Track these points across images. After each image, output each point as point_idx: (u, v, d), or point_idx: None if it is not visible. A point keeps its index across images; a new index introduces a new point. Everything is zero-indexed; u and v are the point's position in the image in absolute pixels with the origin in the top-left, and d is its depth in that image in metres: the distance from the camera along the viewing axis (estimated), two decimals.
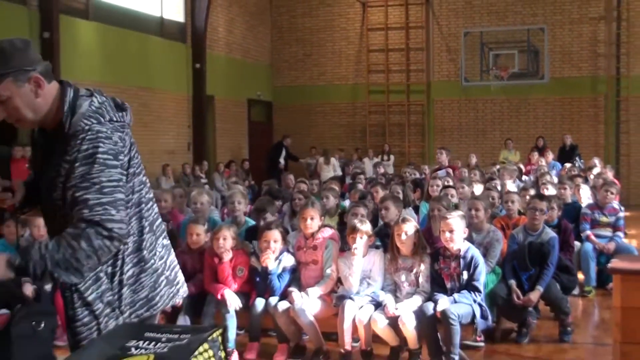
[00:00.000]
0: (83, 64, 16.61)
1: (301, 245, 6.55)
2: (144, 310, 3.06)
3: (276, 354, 6.37)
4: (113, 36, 17.46)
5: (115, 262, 2.97)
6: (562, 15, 21.83)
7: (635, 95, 21.24)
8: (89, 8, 17.05)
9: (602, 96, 21.63)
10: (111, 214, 2.74)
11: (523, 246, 6.91)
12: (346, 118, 23.93)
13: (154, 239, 3.11)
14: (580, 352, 6.58)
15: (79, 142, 2.80)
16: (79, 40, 16.50)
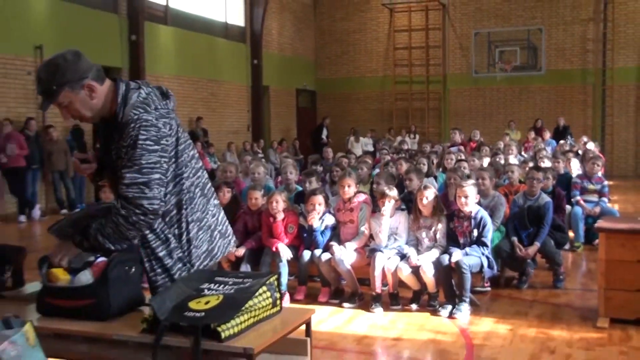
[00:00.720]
0: (163, 61, 16.71)
1: (340, 207, 6.55)
2: (207, 261, 3.07)
3: (320, 296, 6.40)
4: (187, 38, 17.52)
5: (180, 225, 2.98)
6: (557, 17, 21.45)
7: (618, 85, 20.88)
8: (167, 15, 17.11)
9: (591, 85, 21.27)
10: (144, 193, 2.73)
11: (523, 209, 6.85)
12: (376, 104, 23.81)
13: (206, 201, 3.09)
14: (571, 297, 6.50)
15: (130, 129, 2.78)
16: (159, 42, 16.59)
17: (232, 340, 2.47)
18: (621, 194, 15.07)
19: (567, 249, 8.22)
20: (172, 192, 2.93)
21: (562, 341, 5.05)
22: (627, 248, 5.34)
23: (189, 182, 2.99)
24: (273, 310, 2.79)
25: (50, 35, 13.47)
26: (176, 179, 2.94)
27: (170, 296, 2.65)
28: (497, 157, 10.87)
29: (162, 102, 2.93)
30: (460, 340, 5.12)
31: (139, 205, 2.73)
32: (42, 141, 12.95)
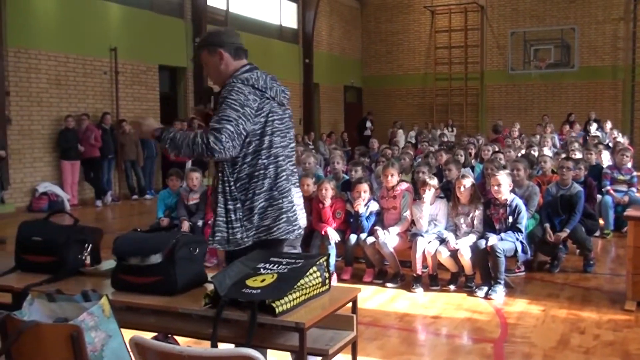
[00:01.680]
0: None
1: (384, 195, 6.52)
2: (263, 235, 3.14)
3: (365, 276, 6.39)
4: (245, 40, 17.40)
5: (247, 194, 3.12)
6: (589, 17, 20.89)
7: None
8: (227, 19, 17.23)
9: (621, 81, 20.71)
10: (216, 134, 2.95)
11: (556, 197, 6.71)
12: (418, 100, 23.59)
13: (289, 186, 3.22)
14: (600, 281, 6.35)
15: (224, 91, 3.11)
16: None
17: (285, 315, 2.49)
18: None
19: (597, 236, 8.04)
20: (248, 164, 3.12)
21: (592, 322, 4.94)
22: None
23: (267, 162, 3.13)
24: (322, 289, 2.80)
25: (124, 38, 13.72)
26: (255, 154, 3.11)
27: (230, 274, 2.68)
28: (532, 149, 10.65)
29: (264, 85, 3.15)
30: (495, 320, 5.06)
31: (207, 140, 2.95)
32: (116, 134, 13.24)
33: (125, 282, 2.86)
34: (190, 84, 15.70)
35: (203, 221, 7.14)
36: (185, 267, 2.83)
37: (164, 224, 7.09)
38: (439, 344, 4.58)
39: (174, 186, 7.47)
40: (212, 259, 7.08)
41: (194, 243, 2.92)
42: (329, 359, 2.73)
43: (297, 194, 3.31)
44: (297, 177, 3.34)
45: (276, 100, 3.20)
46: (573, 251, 7.17)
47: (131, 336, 2.19)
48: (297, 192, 3.32)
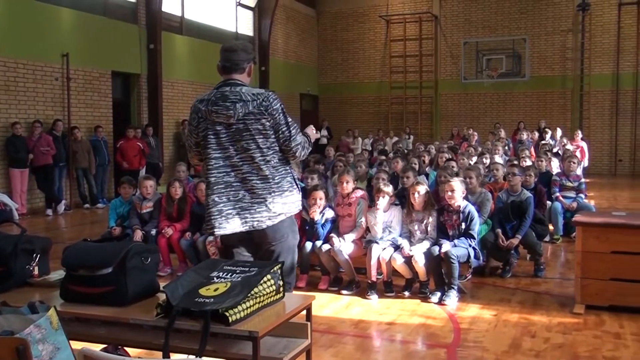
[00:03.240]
0: (178, 68, 16.71)
1: (339, 202, 6.54)
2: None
3: (320, 283, 6.40)
4: (200, 47, 17.50)
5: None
6: (539, 28, 21.41)
7: (594, 90, 20.85)
8: (182, 25, 17.11)
9: (570, 91, 21.23)
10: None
11: (507, 204, 6.84)
12: (373, 108, 23.79)
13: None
14: (550, 285, 6.50)
15: None
16: (175, 50, 16.58)
17: (239, 324, 2.48)
18: (597, 191, 15.06)
19: (547, 241, 8.21)
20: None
21: (542, 326, 5.05)
22: (601, 240, 5.33)
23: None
24: (277, 297, 2.79)
25: (76, 43, 13.47)
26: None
27: (183, 284, 2.66)
28: (484, 156, 10.82)
29: (201, 103, 3.83)
30: (448, 325, 5.12)
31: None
32: (68, 141, 12.97)
33: (74, 292, 2.80)
34: (144, 90, 15.50)
35: (156, 230, 7.04)
36: (136, 276, 2.78)
37: (115, 234, 6.96)
38: (393, 350, 4.61)
39: (126, 194, 7.36)
40: (166, 268, 6.99)
41: (146, 252, 2.88)
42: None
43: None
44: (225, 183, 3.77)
45: (202, 109, 3.88)
46: (524, 256, 7.32)
47: (80, 348, 2.14)
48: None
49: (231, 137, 3.64)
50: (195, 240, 6.84)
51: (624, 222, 5.37)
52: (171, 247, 6.96)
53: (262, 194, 3.66)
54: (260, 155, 3.66)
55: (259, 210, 3.67)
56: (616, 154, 20.85)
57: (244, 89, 3.72)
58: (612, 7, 20.61)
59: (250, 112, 3.64)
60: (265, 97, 3.68)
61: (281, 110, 3.72)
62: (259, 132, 3.65)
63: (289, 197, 3.78)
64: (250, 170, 3.65)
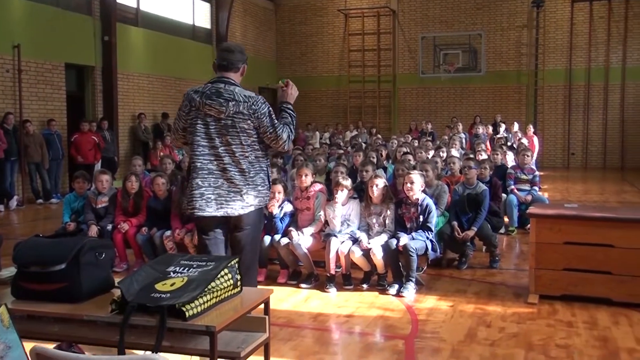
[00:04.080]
0: (134, 60, 16.44)
1: (298, 196, 6.54)
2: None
3: (279, 277, 6.40)
4: (156, 39, 17.26)
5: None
6: (495, 24, 21.73)
7: (548, 85, 21.28)
8: (138, 17, 16.82)
9: (525, 86, 21.62)
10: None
11: (463, 197, 6.93)
12: (332, 101, 23.82)
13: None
14: (505, 276, 6.62)
15: None
16: (130, 42, 16.30)
17: (196, 319, 2.46)
18: (550, 183, 15.40)
19: (502, 233, 8.36)
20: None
21: (497, 316, 5.15)
22: (554, 231, 5.46)
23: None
24: (234, 291, 2.78)
25: (27, 35, 13.13)
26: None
27: (138, 279, 2.62)
28: (441, 150, 10.94)
29: (196, 93, 4.14)
30: (406, 316, 5.18)
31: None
32: (20, 134, 12.64)
33: (26, 289, 2.73)
34: (98, 83, 15.21)
35: (112, 225, 6.94)
36: (90, 272, 2.74)
37: (70, 229, 6.83)
38: (352, 342, 4.64)
39: (81, 189, 7.22)
40: (122, 264, 6.89)
41: (100, 248, 2.83)
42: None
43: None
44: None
45: (194, 98, 4.17)
46: (480, 248, 7.44)
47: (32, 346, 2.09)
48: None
49: (218, 130, 4.05)
50: (152, 235, 6.76)
51: (576, 214, 5.51)
52: (127, 243, 6.87)
53: (239, 185, 4.07)
54: (240, 151, 4.06)
55: (234, 199, 4.08)
56: (569, 147, 21.35)
57: (237, 89, 4.12)
58: (565, 3, 21.04)
59: (240, 112, 4.05)
60: (255, 102, 4.09)
61: (268, 113, 4.11)
62: (243, 131, 4.06)
63: (261, 190, 4.17)
64: (231, 162, 4.06)
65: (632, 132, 20.67)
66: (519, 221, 8.90)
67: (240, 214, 4.10)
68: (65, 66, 14.24)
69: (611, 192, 14.12)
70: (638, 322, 4.95)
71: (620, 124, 20.77)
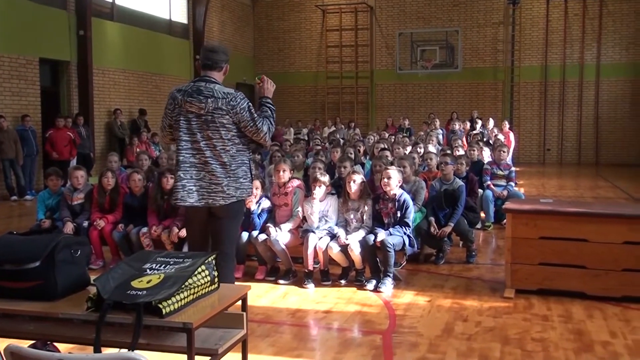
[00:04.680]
0: (109, 55, 16.27)
1: (275, 192, 6.53)
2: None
3: (257, 273, 6.39)
4: (132, 34, 17.09)
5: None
6: (472, 20, 21.88)
7: (524, 82, 21.48)
8: (114, 12, 16.64)
9: (501, 82, 21.80)
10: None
11: (440, 192, 6.98)
12: (310, 97, 23.82)
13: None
14: (482, 270, 6.68)
15: None
16: (106, 37, 16.12)
17: (173, 316, 2.45)
18: (526, 179, 15.56)
19: (479, 228, 8.43)
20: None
21: (474, 310, 5.19)
22: (530, 227, 5.52)
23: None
24: (211, 288, 2.77)
25: (1, 29, 12.91)
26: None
27: (114, 276, 2.60)
28: (418, 146, 10.97)
29: (179, 92, 4.39)
30: (384, 312, 5.20)
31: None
32: None
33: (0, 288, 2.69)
34: (73, 78, 15.02)
35: (89, 222, 6.87)
36: (66, 270, 2.71)
37: (45, 226, 6.75)
38: (330, 337, 4.65)
39: (54, 186, 7.14)
40: (99, 261, 6.83)
41: (75, 245, 2.80)
42: (218, 358, 2.70)
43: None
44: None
45: (176, 97, 4.42)
46: (457, 243, 7.50)
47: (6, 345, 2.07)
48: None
49: (199, 126, 4.30)
50: (128, 232, 6.71)
51: (551, 209, 5.58)
52: (103, 240, 6.80)
53: (220, 177, 4.30)
54: (221, 145, 4.29)
55: (216, 191, 4.31)
56: (544, 143, 21.58)
57: (217, 87, 4.35)
58: (540, 1, 21.24)
59: (219, 108, 4.28)
60: (234, 97, 4.32)
61: (247, 108, 4.33)
62: (222, 126, 4.28)
63: (242, 183, 4.39)
64: (212, 155, 4.30)
65: (606, 128, 20.97)
66: (495, 216, 8.98)
67: (221, 204, 4.33)
68: (40, 61, 14.04)
69: (586, 187, 14.32)
70: (612, 315, 5.03)
71: (594, 120, 21.05)
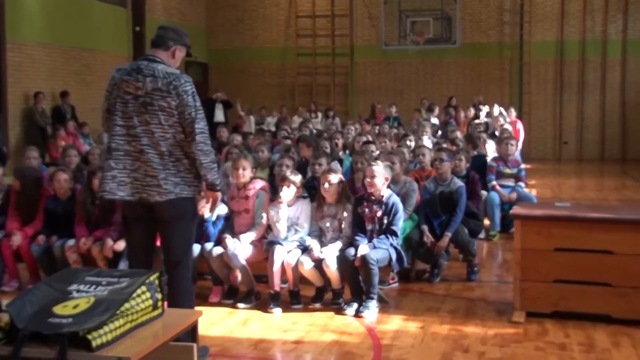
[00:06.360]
0: (27, 26, 16.08)
1: (234, 195, 6.51)
2: None
3: (211, 296, 6.37)
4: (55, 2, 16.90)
5: None
6: None
7: (536, 60, 21.66)
8: None
9: (508, 60, 22.00)
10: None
11: (435, 195, 7.00)
12: (277, 79, 23.82)
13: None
14: (485, 290, 6.74)
15: None
16: (23, 4, 15.93)
17: (105, 349, 2.45)
18: (539, 178, 15.72)
19: (482, 238, 8.51)
20: None
21: (476, 338, 5.23)
22: (542, 236, 5.57)
23: None
24: (154, 313, 2.77)
25: None
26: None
27: (31, 300, 2.58)
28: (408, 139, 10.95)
29: (119, 71, 4.59)
30: (367, 341, 5.22)
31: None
32: None
33: None
34: None
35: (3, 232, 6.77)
36: None
37: None
38: None
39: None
40: (12, 282, 6.76)
41: None
42: None
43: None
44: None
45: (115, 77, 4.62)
46: (456, 257, 7.55)
47: None
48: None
49: (137, 109, 4.46)
50: (50, 244, 6.63)
51: (569, 215, 5.64)
52: (19, 255, 6.72)
53: (157, 168, 4.43)
54: (160, 131, 4.45)
55: (151, 184, 4.44)
56: (561, 135, 21.80)
57: (160, 67, 4.52)
58: None
59: (158, 89, 4.45)
60: (176, 77, 4.50)
61: (191, 92, 4.53)
62: (162, 109, 4.45)
63: (185, 177, 4.52)
64: (149, 143, 4.45)
65: (635, 116, 21.17)
66: (501, 224, 9.04)
67: (157, 200, 4.45)
68: None
69: (610, 188, 14.53)
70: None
71: (620, 107, 21.30)
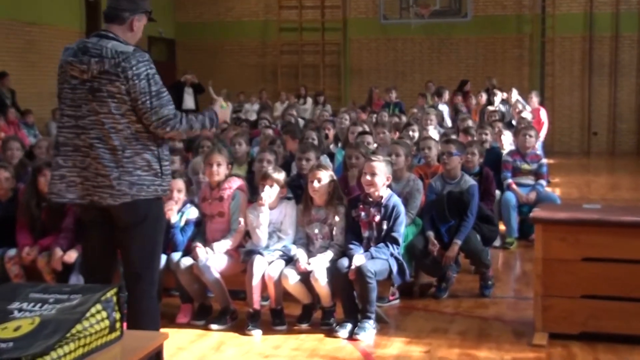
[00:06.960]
0: None
1: (206, 196, 6.49)
2: None
3: (179, 315, 6.34)
4: None
5: None
6: None
7: (560, 36, 21.69)
8: None
9: (527, 36, 22.04)
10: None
11: (442, 196, 6.96)
12: (256, 58, 23.78)
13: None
14: (501, 307, 6.75)
15: None
16: None
17: None
18: (564, 176, 15.73)
19: (497, 246, 8.52)
20: None
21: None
22: (568, 243, 5.57)
23: None
24: (111, 336, 2.76)
25: None
26: None
27: None
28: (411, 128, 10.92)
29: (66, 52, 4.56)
30: None
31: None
32: None
33: None
34: None
35: None
36: None
37: None
38: None
39: None
40: None
41: None
42: None
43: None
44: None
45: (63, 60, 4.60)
46: (466, 268, 7.55)
47: None
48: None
49: (84, 96, 4.42)
50: None
51: (599, 219, 5.64)
52: None
53: (108, 166, 4.39)
54: (111, 122, 4.39)
55: (102, 185, 4.40)
56: (590, 124, 21.85)
57: (110, 44, 4.42)
58: None
59: (105, 71, 4.37)
60: (126, 58, 4.38)
61: (145, 76, 4.45)
62: (112, 96, 4.38)
63: (142, 176, 4.45)
64: (99, 136, 4.40)
65: None
66: (519, 230, 9.06)
67: (110, 204, 4.42)
68: None
69: None
70: None
71: None
